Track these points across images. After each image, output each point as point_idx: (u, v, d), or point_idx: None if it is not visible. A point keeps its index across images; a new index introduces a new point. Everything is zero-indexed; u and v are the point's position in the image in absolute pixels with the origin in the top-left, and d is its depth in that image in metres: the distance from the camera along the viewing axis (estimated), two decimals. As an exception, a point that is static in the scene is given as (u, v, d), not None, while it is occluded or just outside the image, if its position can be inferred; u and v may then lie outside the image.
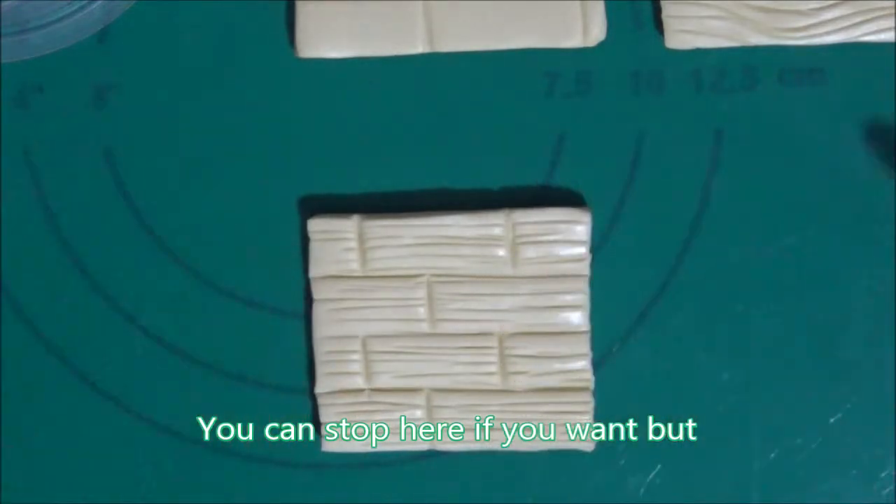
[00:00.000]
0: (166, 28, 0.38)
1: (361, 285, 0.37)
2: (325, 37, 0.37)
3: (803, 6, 0.36)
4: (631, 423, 0.38)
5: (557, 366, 0.37)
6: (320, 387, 0.38)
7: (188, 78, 0.38)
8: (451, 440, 0.37)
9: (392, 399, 0.38)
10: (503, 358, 0.37)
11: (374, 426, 0.38)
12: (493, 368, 0.37)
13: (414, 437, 0.38)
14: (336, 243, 0.37)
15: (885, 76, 0.37)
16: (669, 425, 0.38)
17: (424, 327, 0.37)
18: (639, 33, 0.37)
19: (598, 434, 0.37)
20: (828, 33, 0.36)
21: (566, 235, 0.37)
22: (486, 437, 0.37)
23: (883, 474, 0.37)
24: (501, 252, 0.37)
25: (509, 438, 0.37)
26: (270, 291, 0.38)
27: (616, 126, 0.38)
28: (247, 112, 0.38)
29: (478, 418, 0.37)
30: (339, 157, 0.38)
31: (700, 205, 0.37)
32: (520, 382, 0.37)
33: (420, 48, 0.37)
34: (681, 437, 0.38)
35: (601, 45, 0.37)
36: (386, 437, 0.38)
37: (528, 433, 0.37)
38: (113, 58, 0.38)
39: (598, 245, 0.38)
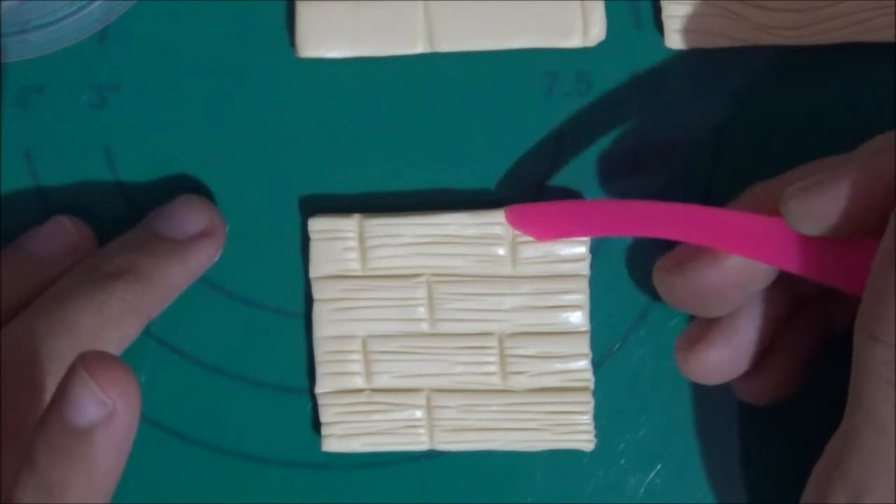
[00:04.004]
0: (166, 28, 0.38)
1: (361, 285, 0.37)
2: (325, 37, 0.37)
3: (803, 6, 0.36)
4: (631, 423, 0.38)
5: (557, 366, 0.37)
6: (320, 387, 0.38)
7: (188, 78, 0.38)
8: (452, 440, 0.37)
9: (392, 399, 0.38)
10: (503, 358, 0.37)
11: (374, 426, 0.38)
12: (493, 368, 0.37)
13: (414, 437, 0.38)
14: (336, 243, 0.37)
15: (885, 76, 0.37)
16: (669, 425, 0.38)
17: (424, 327, 0.37)
18: (639, 33, 0.37)
19: (597, 434, 0.37)
20: (828, 33, 0.36)
21: (566, 235, 0.37)
22: (486, 438, 0.37)
23: (883, 474, 0.37)
24: (501, 251, 0.37)
25: (509, 438, 0.37)
26: (270, 291, 0.38)
27: (616, 126, 0.38)
28: (247, 112, 0.38)
29: (478, 418, 0.37)
30: (339, 157, 0.38)
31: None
32: (520, 382, 0.37)
33: (420, 48, 0.37)
34: (681, 437, 0.38)
35: (601, 45, 0.37)
36: (386, 437, 0.38)
37: (528, 433, 0.37)
38: (113, 58, 0.38)
39: (598, 245, 0.38)
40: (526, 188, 0.38)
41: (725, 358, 0.35)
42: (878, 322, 0.29)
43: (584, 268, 0.37)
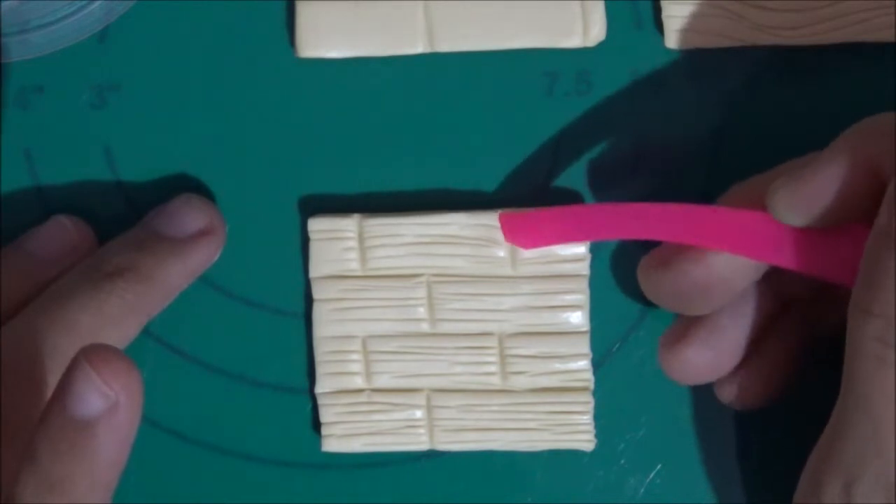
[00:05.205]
0: (166, 28, 0.38)
1: (361, 285, 0.37)
2: (325, 37, 0.37)
3: (803, 6, 0.36)
4: (631, 423, 0.38)
5: (557, 366, 0.37)
6: (320, 387, 0.38)
7: (188, 78, 0.38)
8: (452, 440, 0.37)
9: (392, 399, 0.38)
10: (503, 358, 0.37)
11: (374, 426, 0.38)
12: (493, 368, 0.37)
13: (414, 437, 0.38)
14: (336, 243, 0.37)
15: (885, 76, 0.37)
16: (669, 425, 0.38)
17: (424, 327, 0.37)
18: (639, 33, 0.37)
19: (597, 434, 0.37)
20: (827, 33, 0.36)
21: (566, 235, 0.37)
22: (486, 438, 0.37)
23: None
24: (501, 252, 0.37)
25: (509, 438, 0.37)
26: (270, 291, 0.38)
27: (616, 126, 0.38)
28: (247, 112, 0.38)
29: (478, 418, 0.37)
30: (339, 157, 0.38)
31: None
32: (520, 382, 0.37)
33: (420, 48, 0.37)
34: (681, 437, 0.38)
35: (601, 45, 0.37)
36: (386, 437, 0.38)
37: (528, 433, 0.37)
38: (113, 58, 0.38)
39: (598, 245, 0.37)
40: (525, 188, 0.38)
41: (707, 357, 0.35)
42: (873, 297, 0.29)
43: (584, 268, 0.37)
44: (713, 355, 0.35)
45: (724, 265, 0.33)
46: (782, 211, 0.32)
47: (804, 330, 0.36)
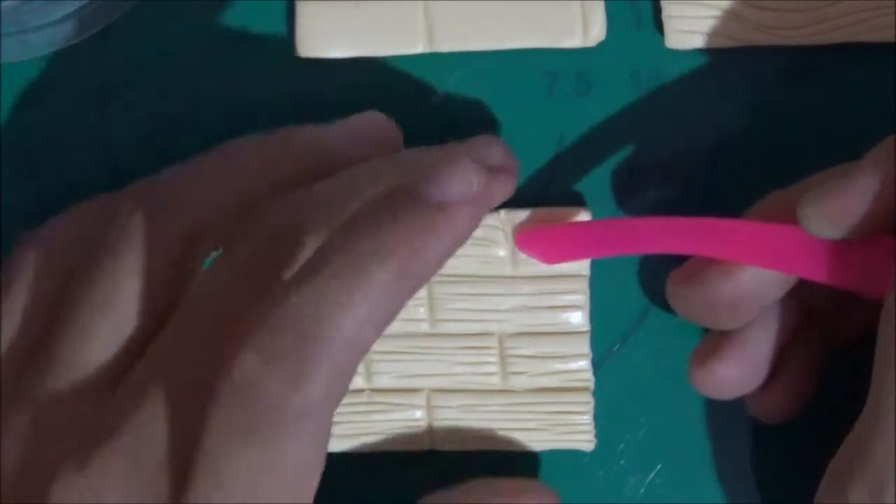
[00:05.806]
0: (166, 28, 0.38)
1: (361, 285, 0.37)
2: (325, 37, 0.37)
3: (803, 6, 0.36)
4: (631, 423, 0.38)
5: (557, 366, 0.37)
6: (320, 387, 0.38)
7: (188, 78, 0.38)
8: (452, 440, 0.37)
9: (392, 399, 0.38)
10: (503, 358, 0.37)
11: (374, 426, 0.37)
12: (493, 368, 0.37)
13: (414, 437, 0.37)
14: (336, 243, 0.37)
15: (885, 76, 0.37)
16: (669, 425, 0.38)
17: (424, 327, 0.37)
18: (639, 33, 0.37)
19: (597, 434, 0.37)
20: (827, 33, 0.36)
21: (566, 235, 0.37)
22: (486, 438, 0.37)
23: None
24: (502, 252, 0.37)
25: (509, 438, 0.37)
26: (270, 291, 0.38)
27: (616, 126, 0.38)
28: (247, 112, 0.38)
29: (478, 418, 0.37)
30: (339, 157, 0.38)
31: (700, 205, 0.37)
32: (520, 382, 0.37)
33: (420, 48, 0.37)
34: (681, 437, 0.38)
35: (601, 45, 0.37)
36: (386, 438, 0.38)
37: (528, 433, 0.37)
38: (113, 58, 0.38)
39: (599, 245, 0.37)
40: (525, 189, 0.38)
41: (738, 372, 0.35)
42: None
43: (584, 268, 0.37)
44: (744, 370, 0.35)
45: (754, 279, 0.33)
46: (815, 223, 0.31)
47: (826, 342, 0.36)
